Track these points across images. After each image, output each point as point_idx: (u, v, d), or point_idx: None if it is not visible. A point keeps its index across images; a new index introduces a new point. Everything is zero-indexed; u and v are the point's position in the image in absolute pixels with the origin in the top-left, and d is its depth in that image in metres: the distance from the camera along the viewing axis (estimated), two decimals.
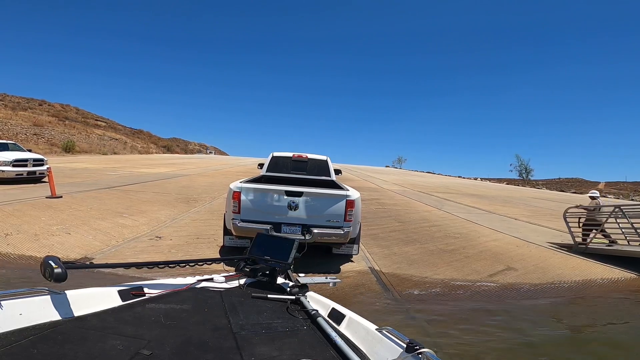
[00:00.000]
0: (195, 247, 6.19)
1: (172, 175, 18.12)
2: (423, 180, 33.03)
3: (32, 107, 45.53)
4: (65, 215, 7.58)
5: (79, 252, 5.52)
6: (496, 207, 15.35)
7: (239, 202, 5.05)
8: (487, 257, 7.02)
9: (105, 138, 46.17)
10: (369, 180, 26.01)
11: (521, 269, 6.46)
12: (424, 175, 46.53)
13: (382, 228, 8.83)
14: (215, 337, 1.42)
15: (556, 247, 8.28)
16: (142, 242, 6.30)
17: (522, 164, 60.21)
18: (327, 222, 5.09)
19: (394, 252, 6.84)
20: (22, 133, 33.24)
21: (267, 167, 7.85)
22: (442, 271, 6.05)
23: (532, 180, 58.11)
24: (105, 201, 9.44)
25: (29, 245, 5.64)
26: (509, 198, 20.75)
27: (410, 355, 1.27)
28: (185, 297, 1.80)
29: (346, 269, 5.76)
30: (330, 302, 1.86)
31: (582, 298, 5.67)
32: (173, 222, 7.86)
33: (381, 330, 1.50)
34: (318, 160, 8.11)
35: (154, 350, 1.27)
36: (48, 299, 1.47)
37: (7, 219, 6.84)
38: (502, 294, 5.46)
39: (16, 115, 38.33)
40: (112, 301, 1.65)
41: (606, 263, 7.11)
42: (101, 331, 1.37)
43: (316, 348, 1.42)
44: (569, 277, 6.28)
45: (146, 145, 56.64)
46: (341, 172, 9.33)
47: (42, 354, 1.16)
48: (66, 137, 36.84)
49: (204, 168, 26.12)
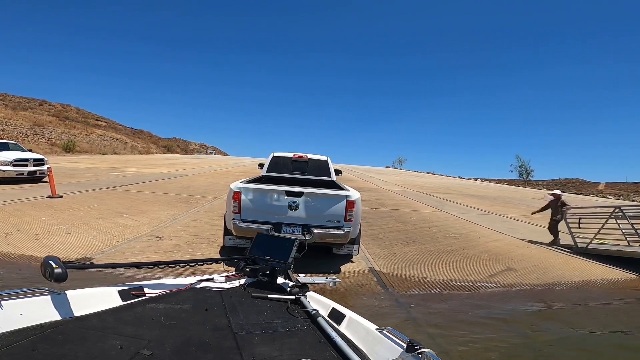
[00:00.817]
0: (196, 247, 6.19)
1: (173, 175, 18.13)
2: (423, 180, 33.01)
3: (33, 107, 45.58)
4: (65, 215, 7.58)
5: (79, 252, 5.52)
6: (496, 207, 15.34)
7: (239, 202, 5.05)
8: (487, 257, 7.02)
9: (106, 138, 46.20)
10: (369, 180, 26.00)
11: (521, 269, 6.45)
12: (424, 176, 46.50)
13: (383, 228, 8.82)
14: (215, 337, 1.42)
15: (556, 247, 8.27)
16: (143, 242, 6.30)
17: (522, 164, 60.14)
18: (328, 223, 5.09)
19: (394, 253, 6.84)
20: (22, 133, 33.26)
21: (268, 167, 7.85)
22: (442, 272, 6.05)
23: (533, 180, 58.05)
24: (106, 201, 9.44)
25: (30, 245, 5.65)
26: (509, 199, 20.74)
27: (410, 355, 1.27)
28: (185, 297, 1.80)
29: (346, 269, 5.76)
30: (330, 302, 1.86)
31: (582, 298, 5.66)
32: (173, 222, 7.86)
33: (381, 330, 1.51)
34: (318, 160, 8.12)
35: (154, 350, 1.27)
36: (48, 299, 1.47)
37: (7, 219, 6.85)
38: (502, 294, 5.46)
39: (17, 115, 38.37)
40: (112, 301, 1.65)
41: (606, 264, 7.11)
42: (101, 331, 1.38)
43: (316, 348, 1.42)
44: (569, 277, 6.28)
45: (146, 145, 56.67)
46: (341, 173, 9.33)
47: (43, 354, 1.16)
48: (66, 137, 36.86)
49: (204, 168, 26.13)
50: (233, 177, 18.27)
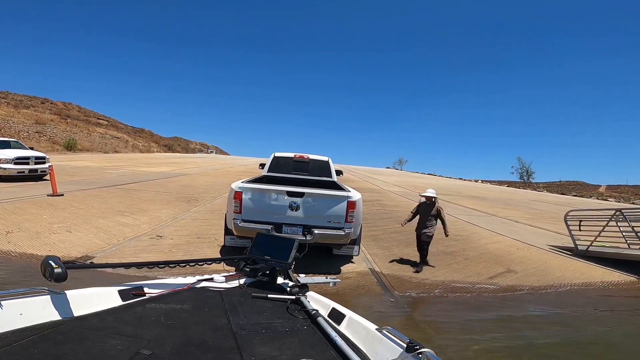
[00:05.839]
0: (196, 246, 6.19)
1: (173, 175, 18.14)
2: (424, 182, 32.96)
3: (35, 105, 45.62)
4: (66, 213, 7.59)
5: (80, 251, 5.53)
6: (497, 209, 15.32)
7: (240, 202, 5.06)
8: (488, 259, 7.02)
9: (107, 137, 46.24)
10: (370, 181, 25.99)
11: (521, 271, 6.45)
12: (425, 177, 46.47)
13: (383, 229, 8.82)
14: (215, 337, 1.42)
15: (556, 249, 8.26)
16: (143, 241, 6.31)
17: (523, 166, 60.11)
18: (328, 223, 5.09)
19: (395, 254, 6.83)
20: (24, 131, 33.29)
21: (269, 167, 7.85)
22: (443, 273, 6.05)
23: (533, 182, 58.01)
24: (107, 200, 9.45)
25: (30, 243, 5.65)
26: (510, 200, 20.72)
27: (410, 355, 1.27)
28: (185, 297, 1.80)
29: (347, 270, 5.75)
30: (330, 302, 1.86)
31: (582, 300, 5.66)
32: (174, 221, 7.86)
33: (381, 330, 1.50)
34: (319, 160, 8.11)
35: (154, 350, 1.27)
36: (48, 299, 1.46)
37: (8, 217, 6.86)
38: (502, 296, 5.46)
39: (18, 113, 38.40)
40: (112, 301, 1.65)
41: (606, 266, 7.10)
42: (101, 331, 1.37)
43: (316, 348, 1.42)
44: (569, 279, 6.27)
45: (147, 144, 56.71)
46: (342, 173, 9.33)
47: (42, 354, 1.16)
48: (68, 135, 36.90)
49: (205, 167, 26.14)
50: (234, 176, 18.28)
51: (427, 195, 6.20)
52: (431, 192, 6.23)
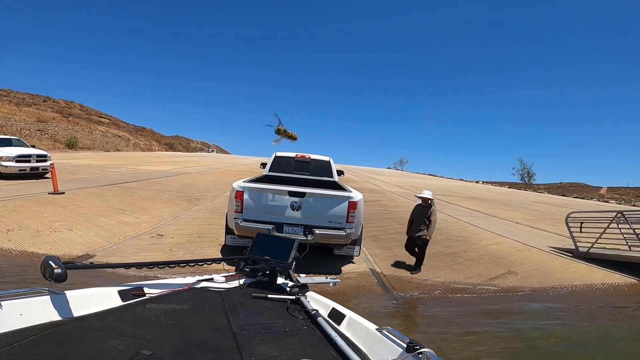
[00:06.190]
0: (197, 245, 6.19)
1: (174, 173, 18.16)
2: (425, 182, 32.95)
3: (37, 103, 45.71)
4: (67, 211, 7.60)
5: (80, 249, 5.54)
6: (498, 210, 15.31)
7: (241, 201, 5.06)
8: (488, 260, 7.01)
9: (109, 135, 46.30)
10: (371, 181, 25.98)
11: (522, 272, 6.44)
12: (426, 178, 46.45)
13: (384, 230, 8.81)
14: (215, 337, 1.42)
15: (557, 251, 8.25)
16: (144, 239, 6.31)
17: (524, 167, 60.05)
18: (329, 223, 5.08)
19: (396, 254, 6.83)
20: (26, 129, 33.35)
21: (270, 166, 7.84)
22: (443, 274, 6.04)
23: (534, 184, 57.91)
24: (108, 198, 9.47)
25: (31, 241, 5.66)
26: (511, 202, 20.70)
27: (410, 355, 1.27)
28: (185, 297, 1.80)
29: (347, 270, 5.75)
30: (330, 302, 1.86)
31: (582, 302, 5.65)
32: (175, 220, 7.87)
33: (381, 330, 1.50)
34: (321, 160, 8.10)
35: (154, 351, 1.27)
36: (48, 299, 1.46)
37: (9, 215, 6.87)
38: (502, 297, 5.45)
39: (20, 111, 38.48)
40: (112, 301, 1.65)
41: (607, 268, 7.08)
42: (101, 331, 1.37)
43: (316, 348, 1.42)
44: (570, 281, 6.26)
45: (149, 142, 56.77)
46: (343, 173, 9.32)
47: (43, 354, 1.16)
48: (69, 133, 36.96)
49: (206, 166, 26.16)
50: (235, 175, 18.29)
51: (423, 197, 5.84)
52: (427, 194, 5.88)
